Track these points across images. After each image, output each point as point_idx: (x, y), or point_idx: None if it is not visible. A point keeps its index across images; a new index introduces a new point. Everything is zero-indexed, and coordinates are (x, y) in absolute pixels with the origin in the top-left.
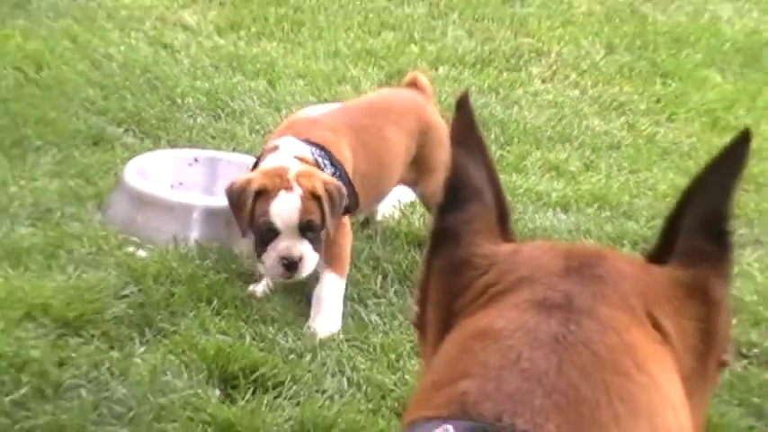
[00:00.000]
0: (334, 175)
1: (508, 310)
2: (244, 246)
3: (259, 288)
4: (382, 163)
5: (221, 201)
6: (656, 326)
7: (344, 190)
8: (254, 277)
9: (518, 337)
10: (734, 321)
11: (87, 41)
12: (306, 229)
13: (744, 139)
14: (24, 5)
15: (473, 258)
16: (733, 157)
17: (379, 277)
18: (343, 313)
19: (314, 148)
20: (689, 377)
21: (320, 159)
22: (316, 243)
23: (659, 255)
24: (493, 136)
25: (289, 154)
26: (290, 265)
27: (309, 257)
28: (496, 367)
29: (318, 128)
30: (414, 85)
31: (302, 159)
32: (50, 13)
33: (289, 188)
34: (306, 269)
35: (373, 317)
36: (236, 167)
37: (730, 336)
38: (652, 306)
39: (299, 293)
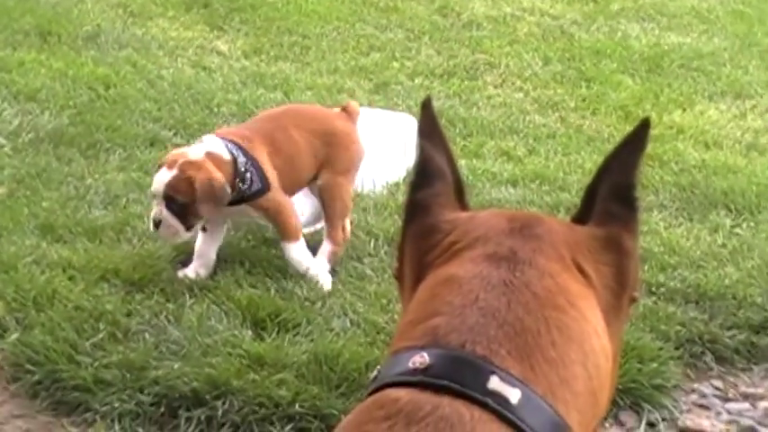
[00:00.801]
0: (246, 164)
1: (467, 262)
2: None
3: (188, 272)
4: (290, 158)
5: None
6: (581, 271)
7: (221, 186)
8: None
9: (475, 283)
10: (645, 267)
11: (144, 66)
12: (169, 200)
13: (645, 125)
14: (95, 39)
15: (439, 224)
16: (637, 138)
17: (372, 240)
18: (346, 269)
19: (230, 144)
20: (607, 311)
21: (235, 152)
22: (181, 216)
23: (582, 217)
24: (457, 130)
25: (202, 147)
26: (155, 224)
27: (167, 224)
28: (459, 306)
29: (239, 129)
30: (345, 109)
31: (212, 154)
32: (115, 44)
33: (170, 166)
34: (164, 233)
35: (368, 271)
36: None
37: (639, 278)
38: (577, 256)
39: (313, 256)
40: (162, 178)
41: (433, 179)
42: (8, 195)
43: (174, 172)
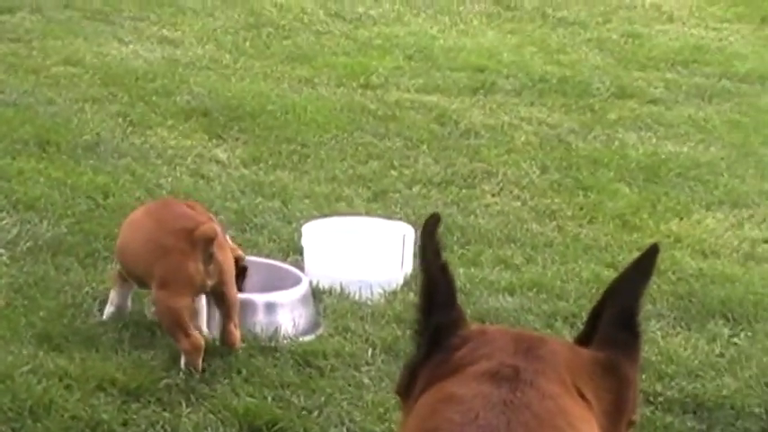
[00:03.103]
0: None
1: (470, 380)
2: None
3: (104, 316)
4: None
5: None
6: (581, 395)
7: None
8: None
9: (476, 402)
10: (643, 376)
11: (142, 175)
12: None
13: (652, 252)
14: (94, 149)
15: (455, 340)
16: (643, 266)
17: (370, 349)
18: (343, 377)
19: None
20: None
21: None
22: None
23: (585, 338)
24: (455, 238)
25: None
26: None
27: None
28: (460, 423)
29: None
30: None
31: None
32: (114, 154)
33: None
34: None
35: (365, 380)
36: (258, 268)
37: (638, 403)
38: (578, 380)
39: (308, 366)
40: None
41: (449, 300)
42: (6, 305)
43: None
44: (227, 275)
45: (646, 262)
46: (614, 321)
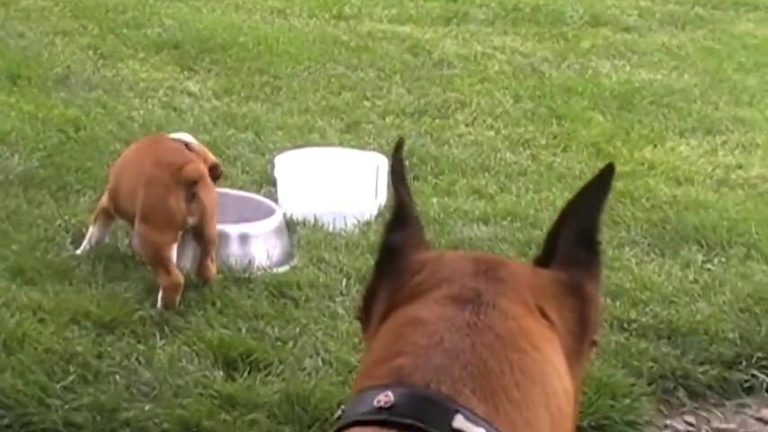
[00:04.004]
0: None
1: (432, 303)
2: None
3: (79, 251)
4: None
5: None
6: (544, 315)
7: None
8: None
9: (440, 324)
10: (617, 303)
11: (114, 107)
12: None
13: (608, 170)
14: (65, 82)
15: (410, 264)
16: (600, 183)
17: (344, 279)
18: (318, 308)
19: None
20: (569, 354)
21: None
22: None
23: (544, 260)
24: (428, 168)
25: None
26: None
27: None
28: (424, 347)
29: None
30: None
31: None
32: (85, 86)
33: None
34: None
35: (340, 310)
36: (231, 199)
37: (599, 322)
38: (540, 300)
39: (283, 297)
40: None
41: (407, 222)
42: None
43: None
44: (208, 214)
45: (602, 180)
46: (573, 240)
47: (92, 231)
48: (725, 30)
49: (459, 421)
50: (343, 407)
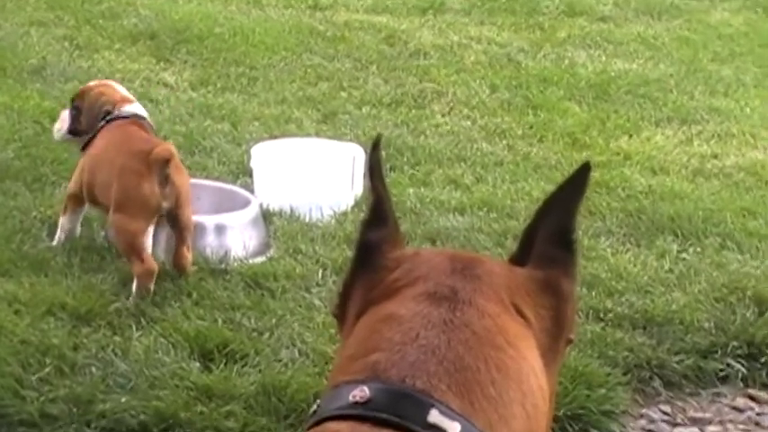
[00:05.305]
0: None
1: (408, 301)
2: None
3: (54, 242)
4: None
5: (196, 218)
6: (520, 313)
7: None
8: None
9: (416, 321)
10: (592, 293)
11: None
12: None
13: (584, 169)
14: (40, 72)
15: (386, 261)
16: (577, 182)
17: (320, 270)
18: (294, 299)
19: None
20: (545, 352)
21: None
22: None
23: (520, 258)
24: (405, 159)
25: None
26: None
27: (62, 118)
28: (399, 343)
29: None
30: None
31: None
32: (61, 78)
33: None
34: (56, 126)
35: (316, 301)
36: (208, 190)
37: (575, 320)
38: (516, 298)
39: (259, 288)
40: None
41: (384, 219)
42: None
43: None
44: (183, 198)
45: (579, 178)
46: (549, 239)
47: (62, 221)
48: (700, 20)
49: (434, 416)
50: (318, 401)
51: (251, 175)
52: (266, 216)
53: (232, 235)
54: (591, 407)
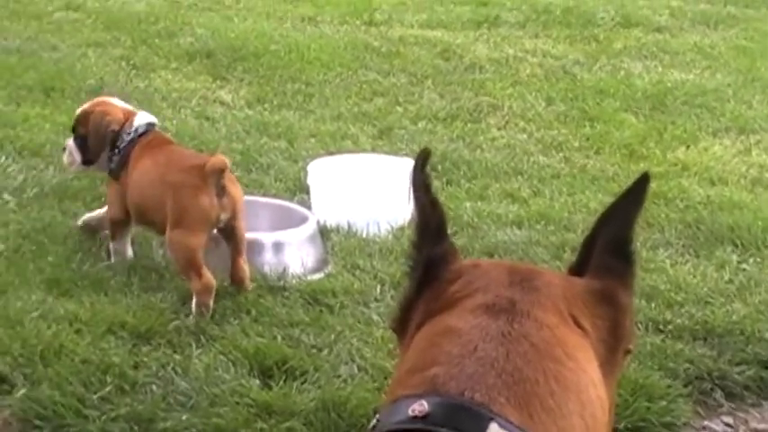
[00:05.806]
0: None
1: (466, 313)
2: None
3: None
4: None
5: (253, 235)
6: (577, 324)
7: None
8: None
9: (474, 334)
10: (652, 305)
11: None
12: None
13: (643, 180)
14: (97, 92)
15: (448, 274)
16: (636, 193)
17: (378, 285)
18: (352, 314)
19: None
20: (603, 363)
21: None
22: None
23: (579, 269)
24: (461, 173)
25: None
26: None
27: (69, 151)
28: (458, 356)
29: None
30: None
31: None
32: (118, 98)
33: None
34: (66, 159)
35: (374, 316)
36: (265, 208)
37: (634, 332)
38: (573, 309)
39: (317, 304)
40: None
41: (438, 235)
42: (14, 251)
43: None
44: (238, 208)
45: (638, 189)
46: (608, 249)
47: (113, 247)
48: (757, 28)
49: (493, 429)
50: (377, 415)
51: (308, 192)
52: (323, 232)
53: (290, 252)
54: (652, 419)
